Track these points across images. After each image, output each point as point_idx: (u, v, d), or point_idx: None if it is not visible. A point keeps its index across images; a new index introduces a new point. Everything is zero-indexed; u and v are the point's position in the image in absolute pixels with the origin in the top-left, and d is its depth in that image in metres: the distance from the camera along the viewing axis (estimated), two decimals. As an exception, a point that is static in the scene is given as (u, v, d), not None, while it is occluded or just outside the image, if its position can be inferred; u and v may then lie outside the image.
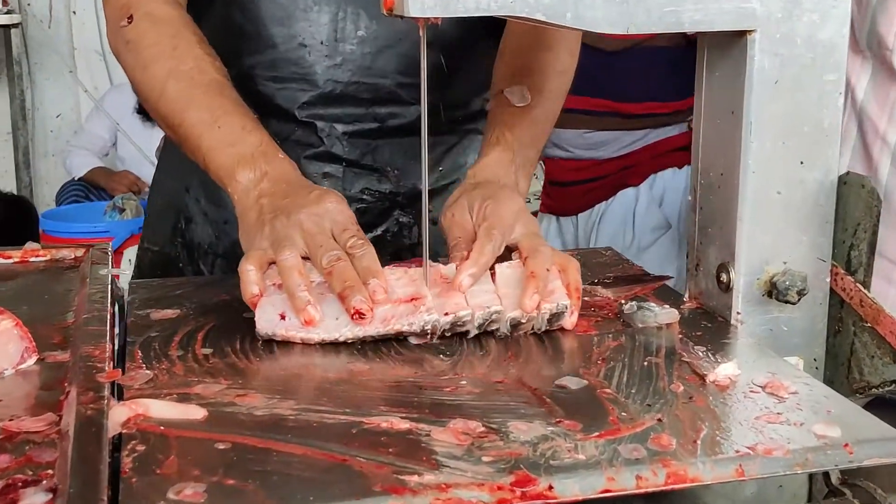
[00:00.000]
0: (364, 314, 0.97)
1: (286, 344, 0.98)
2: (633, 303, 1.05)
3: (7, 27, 4.40)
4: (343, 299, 0.98)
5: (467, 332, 1.00)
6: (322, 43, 1.29)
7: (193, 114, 1.15)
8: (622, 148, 2.54)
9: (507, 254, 1.09)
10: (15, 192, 4.54)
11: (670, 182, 2.53)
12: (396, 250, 1.35)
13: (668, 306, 1.06)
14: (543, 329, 1.02)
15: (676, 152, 2.53)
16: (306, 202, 1.06)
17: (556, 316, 1.01)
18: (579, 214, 2.61)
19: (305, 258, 1.02)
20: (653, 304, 1.05)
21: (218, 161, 1.12)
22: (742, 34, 0.98)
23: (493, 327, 1.01)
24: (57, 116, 4.85)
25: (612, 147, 2.53)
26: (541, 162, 2.51)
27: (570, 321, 1.03)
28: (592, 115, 2.53)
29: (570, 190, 2.64)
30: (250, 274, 1.02)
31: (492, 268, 1.06)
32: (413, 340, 0.99)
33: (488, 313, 0.99)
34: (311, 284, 1.00)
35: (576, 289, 1.05)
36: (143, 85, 1.20)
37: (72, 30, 4.74)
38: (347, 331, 0.98)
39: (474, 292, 1.02)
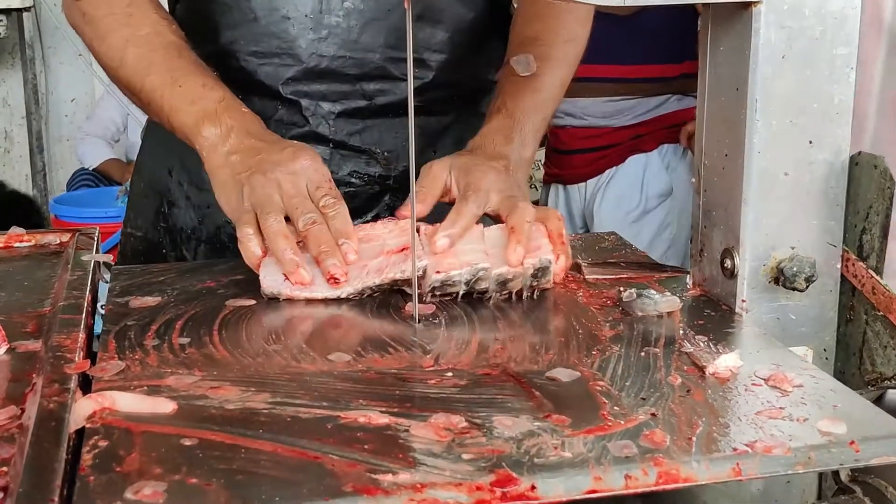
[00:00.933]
0: (338, 278, 1.00)
1: (268, 332, 0.94)
2: (633, 290, 1.01)
3: (20, 10, 4.37)
4: (319, 263, 1.01)
5: (457, 292, 1.01)
6: (306, 15, 1.24)
7: (154, 77, 1.16)
8: (637, 116, 2.64)
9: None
10: (29, 176, 4.52)
11: (674, 152, 2.69)
12: None
13: (668, 293, 1.01)
14: (531, 286, 1.03)
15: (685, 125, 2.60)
16: (281, 159, 1.06)
17: (541, 271, 1.02)
18: (588, 181, 2.67)
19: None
20: (653, 292, 1.00)
21: (181, 119, 1.13)
22: (747, 5, 0.92)
23: (482, 286, 1.02)
24: (71, 101, 4.83)
25: (629, 115, 2.62)
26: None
27: (558, 267, 1.04)
28: (616, 82, 2.60)
29: (577, 158, 2.70)
30: (251, 237, 1.04)
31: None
32: (407, 290, 1.01)
33: (475, 269, 1.00)
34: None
35: (558, 235, 1.06)
36: (103, 56, 1.21)
37: (85, 13, 4.70)
38: (348, 286, 1.01)
39: (464, 251, 1.03)
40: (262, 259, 1.03)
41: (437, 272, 1.00)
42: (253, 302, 1.02)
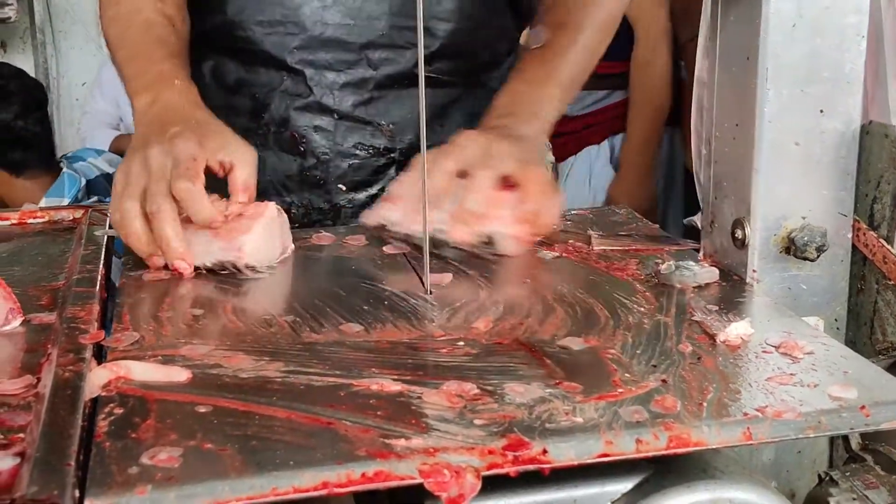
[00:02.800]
0: (182, 271, 1.01)
1: (280, 305, 0.95)
2: (671, 263, 1.00)
3: (30, -6, 4.38)
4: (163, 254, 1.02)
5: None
6: None
7: (122, 52, 1.21)
8: (586, 107, 2.78)
9: None
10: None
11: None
12: None
13: (707, 265, 1.01)
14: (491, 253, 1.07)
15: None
16: (162, 139, 1.05)
17: (489, 244, 1.07)
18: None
19: None
20: (691, 263, 1.00)
21: (129, 92, 1.16)
22: (757, -25, 0.92)
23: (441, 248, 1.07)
24: (82, 84, 4.83)
25: (577, 106, 2.74)
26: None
27: (508, 248, 1.07)
28: None
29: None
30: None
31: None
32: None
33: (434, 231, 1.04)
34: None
35: (525, 220, 1.07)
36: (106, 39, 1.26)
37: (95, -4, 4.71)
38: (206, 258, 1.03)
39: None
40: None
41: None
42: (265, 274, 1.03)
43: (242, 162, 1.06)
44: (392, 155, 1.31)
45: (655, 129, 2.72)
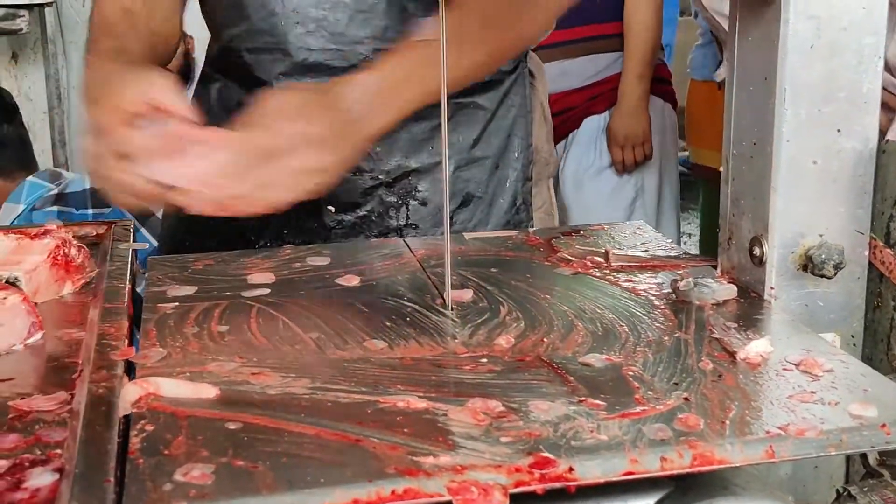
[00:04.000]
0: None
1: (305, 322, 0.96)
2: (690, 279, 1.01)
3: (41, 6, 4.40)
4: None
5: None
6: (293, 10, 1.26)
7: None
8: (588, 78, 2.91)
9: None
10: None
11: None
12: (383, 231, 1.32)
13: (725, 282, 1.02)
14: None
15: None
16: None
17: None
18: (556, 144, 2.84)
19: None
20: (710, 280, 1.01)
21: None
22: (775, -4, 0.94)
23: None
24: (93, 95, 4.86)
25: (579, 77, 2.91)
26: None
27: None
28: (562, 45, 2.83)
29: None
30: None
31: None
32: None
33: None
34: None
35: None
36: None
37: (106, 8, 4.73)
38: None
39: None
40: None
41: None
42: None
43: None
44: (380, 177, 1.32)
45: (648, 62, 2.86)
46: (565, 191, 2.97)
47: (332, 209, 1.32)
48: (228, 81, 1.36)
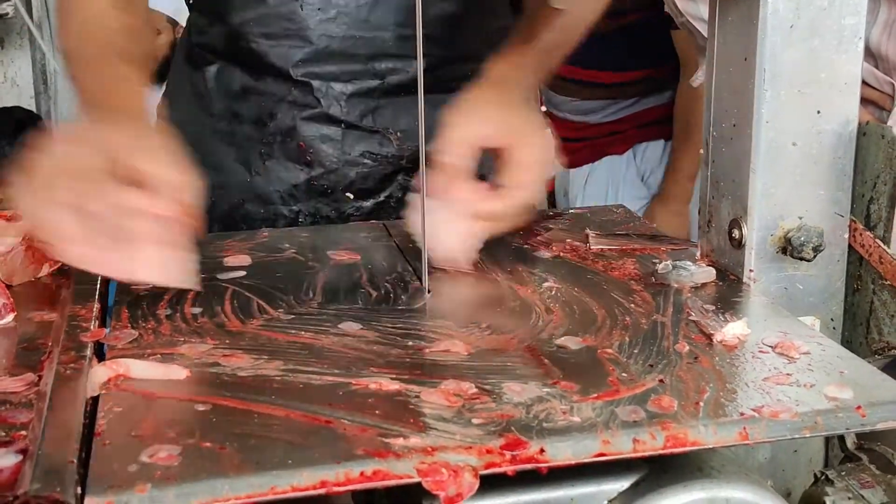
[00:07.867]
0: None
1: (279, 304, 0.95)
2: (668, 262, 1.01)
3: (28, -10, 4.37)
4: None
5: None
6: None
7: (79, 65, 1.14)
8: (610, 115, 2.66)
9: None
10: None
11: (653, 153, 2.64)
12: (401, 216, 1.31)
13: (704, 264, 1.01)
14: None
15: (660, 124, 2.60)
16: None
17: None
18: (570, 170, 2.71)
19: None
20: (688, 263, 1.00)
21: (82, 104, 1.09)
22: (755, -24, 0.93)
23: None
24: (80, 81, 4.83)
25: (600, 114, 2.64)
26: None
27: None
28: (581, 84, 2.63)
29: (562, 146, 2.71)
30: None
31: None
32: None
33: None
34: None
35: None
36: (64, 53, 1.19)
37: (92, -7, 4.70)
38: None
39: None
40: None
41: None
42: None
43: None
44: (400, 162, 1.31)
45: (698, 161, 2.66)
46: None
47: (351, 196, 1.31)
48: (229, 65, 1.33)
